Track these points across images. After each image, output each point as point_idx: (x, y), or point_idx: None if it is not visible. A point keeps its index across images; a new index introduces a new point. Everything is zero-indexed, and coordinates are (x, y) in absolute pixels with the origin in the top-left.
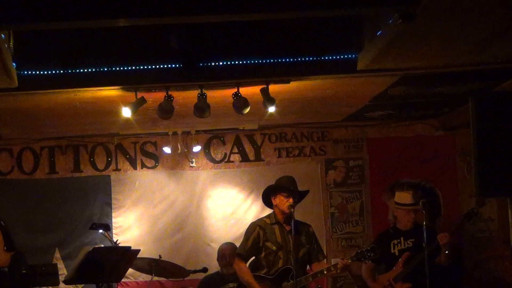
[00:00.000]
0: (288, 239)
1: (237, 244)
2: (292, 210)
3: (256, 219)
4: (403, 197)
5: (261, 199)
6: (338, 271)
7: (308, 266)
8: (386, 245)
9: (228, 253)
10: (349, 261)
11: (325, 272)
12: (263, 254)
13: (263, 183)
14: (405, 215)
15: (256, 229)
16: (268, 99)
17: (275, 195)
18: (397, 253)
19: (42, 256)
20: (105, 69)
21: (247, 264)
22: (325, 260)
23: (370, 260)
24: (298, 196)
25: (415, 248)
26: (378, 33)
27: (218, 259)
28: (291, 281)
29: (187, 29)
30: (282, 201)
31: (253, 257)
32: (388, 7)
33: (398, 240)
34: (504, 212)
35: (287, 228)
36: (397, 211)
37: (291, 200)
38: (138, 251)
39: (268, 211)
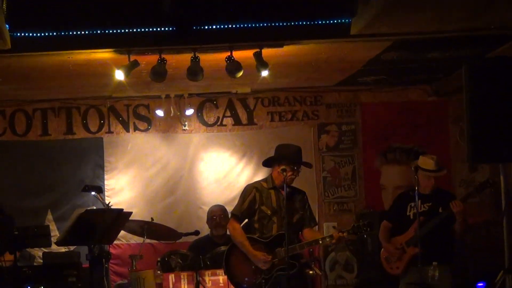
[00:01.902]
0: (283, 205)
1: (229, 207)
2: (292, 181)
3: (248, 182)
4: (427, 162)
5: (253, 163)
6: (334, 241)
7: (300, 232)
8: (403, 206)
9: (218, 214)
10: (345, 234)
11: (320, 242)
12: (256, 217)
13: (256, 146)
14: (426, 180)
15: (253, 191)
16: (261, 63)
17: (280, 162)
18: (411, 217)
19: (34, 218)
20: (98, 31)
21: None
22: (316, 227)
23: (366, 235)
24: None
25: (431, 212)
26: None
27: (207, 221)
28: (285, 247)
29: None
30: (287, 172)
31: (246, 220)
32: None
33: (415, 203)
34: (496, 177)
35: (283, 193)
36: (419, 175)
37: (294, 174)
38: (130, 213)
39: (260, 174)
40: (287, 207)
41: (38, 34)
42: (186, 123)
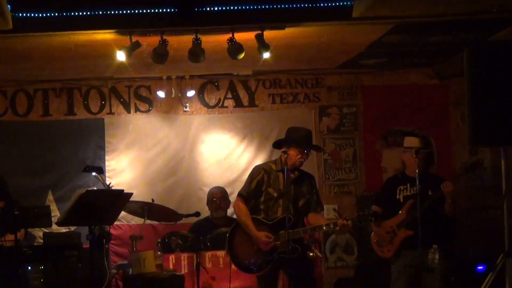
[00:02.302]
0: (290, 188)
1: (229, 189)
2: (301, 165)
3: (249, 164)
4: (411, 140)
5: (254, 145)
6: (337, 228)
7: (305, 216)
8: (392, 190)
9: (218, 196)
10: (349, 222)
11: (324, 227)
12: (262, 199)
13: (257, 128)
14: (412, 157)
15: (261, 173)
16: (262, 45)
17: (289, 145)
18: (401, 200)
19: (35, 198)
20: (100, 12)
21: None
22: (323, 212)
23: (370, 224)
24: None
25: (421, 195)
26: None
27: (208, 203)
28: (287, 231)
29: None
30: (296, 155)
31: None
32: None
33: (405, 186)
34: (496, 161)
35: (292, 176)
36: (405, 156)
37: (304, 158)
38: (131, 194)
39: (261, 156)
40: (294, 191)
41: (40, 15)
42: (187, 104)
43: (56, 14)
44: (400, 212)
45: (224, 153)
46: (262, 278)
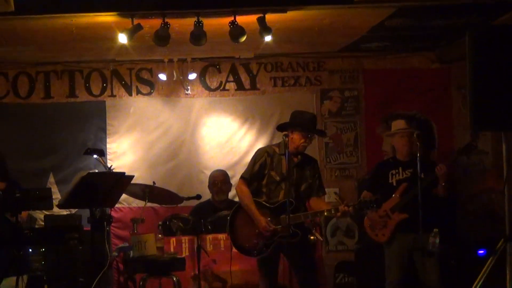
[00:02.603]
0: (293, 172)
1: (230, 172)
2: (304, 149)
3: (250, 147)
4: (397, 123)
5: (255, 128)
6: (338, 214)
7: (307, 200)
8: (384, 174)
9: (219, 180)
10: (350, 209)
11: (325, 213)
12: (265, 182)
13: (258, 112)
14: (401, 140)
15: (264, 156)
16: (264, 28)
17: (293, 129)
18: (394, 183)
19: (37, 181)
20: None
21: None
22: (324, 196)
23: (371, 210)
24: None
25: (413, 178)
26: None
27: (209, 186)
28: (287, 215)
29: None
30: (299, 139)
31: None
32: None
33: (397, 170)
34: (498, 145)
35: (295, 160)
36: (394, 140)
37: (308, 142)
38: (132, 177)
39: (263, 140)
40: (297, 175)
41: None
42: (189, 87)
43: None
44: (393, 195)
45: (225, 136)
46: (262, 261)
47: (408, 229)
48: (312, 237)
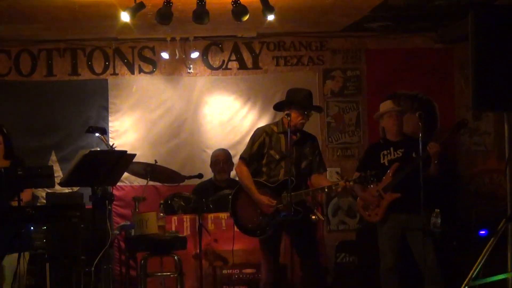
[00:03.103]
0: (292, 150)
1: (232, 151)
2: (302, 126)
3: (252, 126)
4: (385, 104)
5: (257, 107)
6: (339, 190)
7: (308, 178)
8: (376, 155)
9: (221, 159)
10: (351, 183)
11: (326, 189)
12: (264, 161)
13: (261, 91)
14: (389, 120)
15: (263, 135)
16: (267, 7)
17: (290, 107)
18: (386, 163)
19: (38, 158)
20: None
21: None
22: (326, 173)
23: (371, 184)
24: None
25: (405, 158)
26: None
27: (211, 165)
28: (289, 193)
29: None
30: (297, 117)
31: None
32: None
33: (388, 151)
34: (500, 126)
35: (294, 138)
36: (383, 121)
37: (305, 119)
38: (134, 155)
39: (265, 119)
40: (296, 153)
41: None
42: (191, 66)
43: None
44: (385, 175)
45: (227, 115)
46: (264, 240)
47: (400, 209)
48: (313, 217)
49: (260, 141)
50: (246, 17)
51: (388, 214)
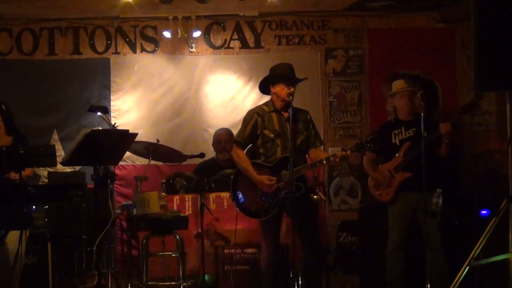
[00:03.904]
0: (286, 127)
1: (234, 130)
2: (291, 98)
3: (254, 106)
4: (397, 84)
5: None
6: (337, 160)
7: (306, 153)
8: (387, 135)
9: (224, 138)
10: (348, 152)
11: (324, 162)
12: (260, 142)
13: (262, 70)
14: (401, 100)
15: (254, 117)
16: None
17: (274, 83)
18: (398, 143)
19: (40, 137)
20: None
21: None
22: (322, 146)
23: (370, 151)
24: (297, 83)
25: (416, 138)
26: None
27: (213, 145)
28: (289, 170)
29: None
30: (283, 90)
31: (250, 145)
32: None
33: (399, 130)
34: (502, 106)
35: (285, 115)
36: (395, 100)
37: (292, 89)
38: (136, 134)
39: (265, 98)
40: (290, 129)
41: None
42: (193, 45)
43: None
44: (397, 155)
45: (229, 95)
46: (264, 221)
47: (411, 188)
48: (315, 196)
49: (253, 123)
50: None
51: (398, 193)
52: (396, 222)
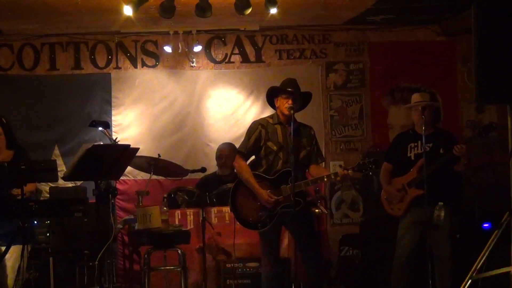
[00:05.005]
0: (290, 140)
1: (236, 145)
2: (292, 111)
3: (255, 119)
4: (414, 96)
5: (260, 100)
6: (338, 178)
7: (306, 169)
8: (403, 147)
9: (226, 153)
10: (350, 172)
11: (325, 179)
12: (263, 154)
13: (263, 84)
14: (415, 113)
15: (259, 128)
16: (270, 0)
17: (277, 96)
18: (413, 157)
19: (42, 153)
20: None
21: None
22: (323, 163)
23: (371, 172)
24: (300, 98)
25: (432, 153)
26: None
27: (216, 159)
28: (290, 184)
29: None
30: (283, 103)
31: (253, 156)
32: None
33: (416, 144)
34: (503, 119)
35: (289, 129)
36: (411, 113)
37: (290, 101)
38: (137, 149)
39: (268, 112)
40: (294, 143)
41: None
42: (194, 59)
43: None
44: (411, 170)
45: (230, 109)
46: (264, 235)
47: (420, 203)
48: (317, 210)
49: (256, 134)
50: (248, 11)
51: (410, 207)
52: (405, 235)
